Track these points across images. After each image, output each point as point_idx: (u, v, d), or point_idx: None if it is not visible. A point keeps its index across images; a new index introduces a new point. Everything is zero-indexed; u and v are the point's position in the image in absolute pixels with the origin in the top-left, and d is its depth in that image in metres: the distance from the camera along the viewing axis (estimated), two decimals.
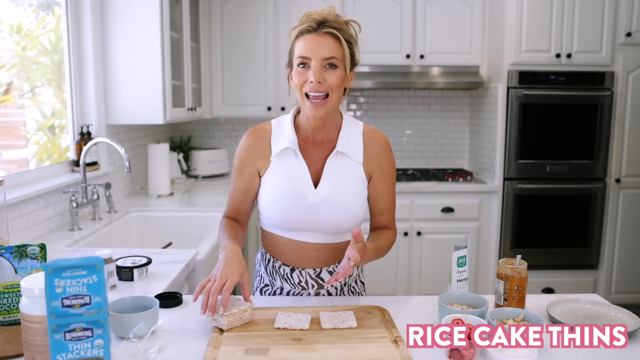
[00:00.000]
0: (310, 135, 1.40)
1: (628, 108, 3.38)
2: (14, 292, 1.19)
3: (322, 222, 1.38)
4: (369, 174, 1.42)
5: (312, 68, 1.28)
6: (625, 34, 3.29)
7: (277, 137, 1.40)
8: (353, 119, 1.46)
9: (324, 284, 1.45)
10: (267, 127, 1.44)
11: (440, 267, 3.44)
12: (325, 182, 1.37)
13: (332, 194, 1.37)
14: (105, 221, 2.36)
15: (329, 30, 1.27)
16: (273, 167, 1.39)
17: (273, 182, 1.39)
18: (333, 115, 1.38)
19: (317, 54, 1.27)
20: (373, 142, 1.42)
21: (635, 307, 3.00)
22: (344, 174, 1.38)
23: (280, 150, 1.38)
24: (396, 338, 1.13)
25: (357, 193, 1.40)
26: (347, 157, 1.39)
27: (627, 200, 3.45)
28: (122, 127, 2.88)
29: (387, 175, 1.43)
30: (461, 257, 1.34)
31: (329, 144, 1.40)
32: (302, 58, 1.29)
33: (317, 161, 1.40)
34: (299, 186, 1.37)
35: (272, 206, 1.39)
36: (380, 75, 3.53)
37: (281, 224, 1.41)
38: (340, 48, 1.29)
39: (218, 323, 1.17)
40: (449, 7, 3.55)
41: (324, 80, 1.28)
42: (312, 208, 1.37)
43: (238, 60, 3.60)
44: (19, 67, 2.35)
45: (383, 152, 1.43)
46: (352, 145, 1.39)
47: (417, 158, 4.03)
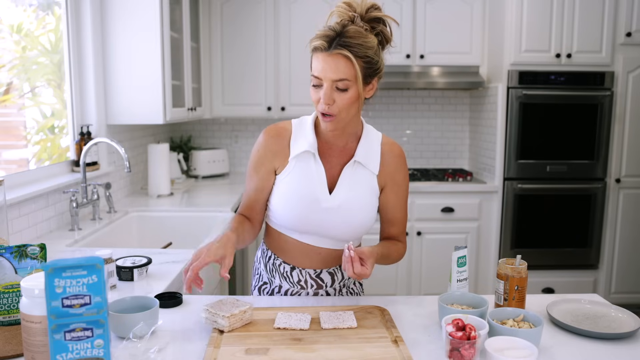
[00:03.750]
0: (331, 140, 1.40)
1: (628, 108, 3.38)
2: (14, 292, 1.19)
3: (331, 228, 1.38)
4: (381, 185, 1.43)
5: (323, 89, 1.27)
6: (625, 34, 3.29)
7: (297, 138, 1.40)
8: (373, 129, 1.46)
9: (323, 284, 1.45)
10: (288, 127, 1.43)
11: (440, 267, 3.44)
12: (340, 190, 1.38)
13: (346, 201, 1.37)
14: (105, 221, 2.36)
15: (340, 52, 1.23)
16: (290, 168, 1.39)
17: (288, 183, 1.39)
18: (352, 124, 1.38)
19: (327, 76, 1.26)
20: (390, 155, 1.43)
21: (635, 307, 3.00)
22: (359, 184, 1.39)
23: (300, 152, 1.38)
24: (396, 338, 1.13)
25: (369, 203, 1.40)
26: (363, 167, 1.39)
27: (627, 200, 3.45)
28: (122, 127, 2.88)
29: (399, 187, 1.44)
30: (461, 257, 1.34)
31: (348, 151, 1.41)
32: (314, 78, 1.29)
33: (334, 167, 1.40)
34: (314, 190, 1.37)
35: (284, 207, 1.39)
36: None
37: (290, 225, 1.41)
38: (353, 68, 1.24)
39: (219, 325, 1.17)
40: (449, 7, 3.55)
41: (333, 102, 1.28)
42: (324, 213, 1.37)
43: (238, 60, 3.60)
44: (19, 67, 2.35)
45: (398, 165, 1.43)
46: (370, 155, 1.40)
47: (417, 158, 4.03)
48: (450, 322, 1.07)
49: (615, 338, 1.17)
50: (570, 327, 1.20)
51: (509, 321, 1.17)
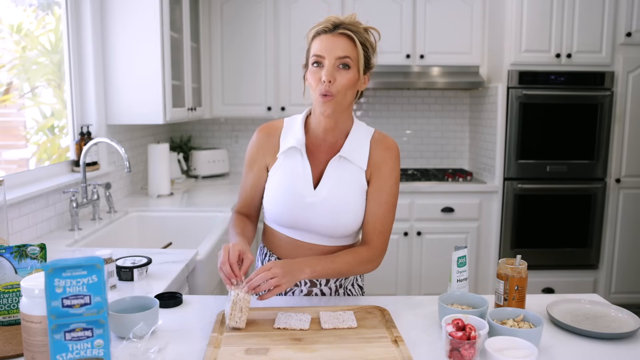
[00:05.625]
0: (320, 137, 1.41)
1: (628, 108, 3.38)
2: (14, 292, 1.19)
3: (317, 223, 1.39)
4: (369, 179, 1.41)
5: (325, 67, 1.29)
6: (625, 34, 3.29)
7: (286, 135, 1.42)
8: (365, 125, 1.45)
9: (316, 282, 1.45)
10: (279, 125, 1.46)
11: (440, 267, 3.44)
12: (324, 184, 1.38)
13: (330, 196, 1.37)
14: (105, 221, 2.36)
15: (345, 32, 1.29)
16: (279, 164, 1.41)
17: (276, 179, 1.41)
18: (344, 118, 1.40)
19: (331, 53, 1.29)
20: (378, 147, 1.41)
21: (635, 307, 3.00)
22: (345, 179, 1.39)
23: (286, 148, 1.40)
24: (396, 338, 1.13)
25: (356, 199, 1.39)
26: (349, 162, 1.39)
27: (627, 200, 3.45)
28: (122, 127, 2.88)
29: (382, 180, 1.39)
30: (461, 257, 1.34)
31: (336, 148, 1.41)
32: (316, 57, 1.31)
33: (322, 164, 1.41)
34: (299, 185, 1.38)
35: (272, 202, 1.41)
36: (380, 75, 3.53)
37: (279, 220, 1.43)
38: (355, 49, 1.30)
39: (240, 323, 1.17)
40: (449, 7, 3.55)
41: (335, 80, 1.29)
42: (309, 208, 1.38)
43: (238, 60, 3.60)
44: (19, 67, 2.35)
45: (385, 157, 1.40)
46: (357, 150, 1.39)
47: (417, 158, 4.03)
48: (450, 322, 1.07)
49: (615, 338, 1.17)
50: (570, 327, 1.20)
51: (509, 321, 1.17)
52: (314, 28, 1.34)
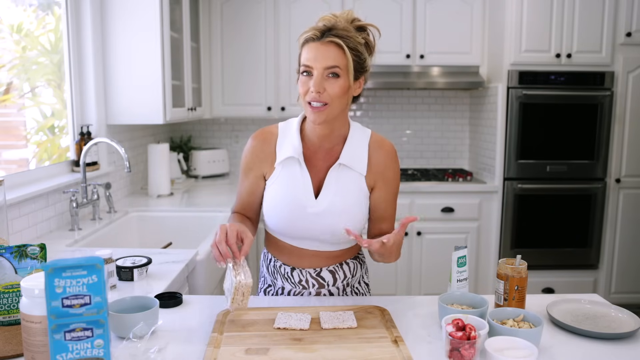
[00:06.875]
0: (317, 144, 1.39)
1: (628, 108, 3.38)
2: (14, 292, 1.19)
3: (320, 232, 1.38)
4: (371, 185, 1.40)
5: (314, 77, 1.26)
6: (625, 34, 3.29)
7: (282, 143, 1.39)
8: (361, 127, 1.43)
9: (324, 283, 1.45)
10: (274, 131, 1.42)
11: (440, 267, 3.44)
12: (325, 194, 1.37)
13: (332, 205, 1.36)
14: (105, 221, 2.36)
15: (332, 40, 1.25)
16: (276, 174, 1.39)
17: (275, 190, 1.39)
18: (339, 124, 1.37)
19: (318, 63, 1.25)
20: (378, 151, 1.40)
21: (635, 307, 3.00)
22: (346, 186, 1.37)
23: (284, 158, 1.37)
24: (396, 338, 1.13)
25: (358, 206, 1.38)
26: (349, 169, 1.37)
27: (627, 200, 3.45)
28: (122, 127, 2.88)
29: (390, 183, 1.41)
30: (461, 257, 1.34)
31: (334, 154, 1.39)
32: (304, 66, 1.28)
33: (320, 171, 1.39)
34: (299, 196, 1.36)
35: (273, 213, 1.40)
36: (380, 75, 3.53)
37: (281, 231, 1.42)
38: (344, 57, 1.26)
39: (242, 305, 1.14)
40: (449, 7, 3.55)
41: (324, 90, 1.26)
42: (311, 218, 1.36)
43: (238, 60, 3.60)
44: (19, 67, 2.35)
45: (387, 161, 1.40)
46: (356, 156, 1.38)
47: (417, 158, 4.03)
48: (450, 322, 1.07)
49: (615, 338, 1.17)
50: (570, 327, 1.20)
51: (509, 321, 1.17)
52: (303, 34, 1.29)
